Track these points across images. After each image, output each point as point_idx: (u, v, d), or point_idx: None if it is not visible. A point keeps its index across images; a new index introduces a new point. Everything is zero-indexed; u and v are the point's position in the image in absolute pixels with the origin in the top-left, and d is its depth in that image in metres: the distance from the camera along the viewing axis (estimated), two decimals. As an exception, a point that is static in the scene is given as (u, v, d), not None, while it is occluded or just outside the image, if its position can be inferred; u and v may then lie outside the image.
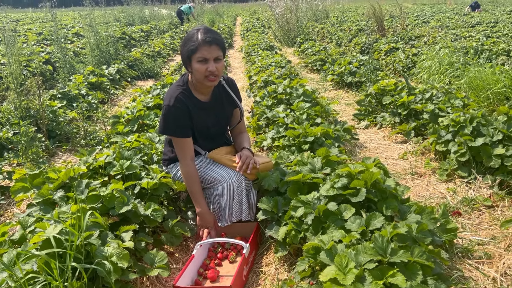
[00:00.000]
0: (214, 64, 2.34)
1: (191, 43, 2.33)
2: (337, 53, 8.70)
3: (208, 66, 2.33)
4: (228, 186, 2.46)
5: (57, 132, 4.39)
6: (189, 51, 2.34)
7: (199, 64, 2.34)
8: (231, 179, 2.46)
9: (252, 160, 2.48)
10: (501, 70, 5.10)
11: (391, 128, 4.49)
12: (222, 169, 2.51)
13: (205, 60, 2.33)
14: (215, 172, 2.51)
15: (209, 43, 2.30)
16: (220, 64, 2.38)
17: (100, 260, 1.80)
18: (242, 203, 2.50)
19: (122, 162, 2.62)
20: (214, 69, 2.34)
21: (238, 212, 2.49)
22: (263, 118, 4.31)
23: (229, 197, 2.47)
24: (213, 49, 2.32)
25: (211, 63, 2.33)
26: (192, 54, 2.34)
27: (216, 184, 2.49)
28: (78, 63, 8.17)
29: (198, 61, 2.33)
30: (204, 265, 2.31)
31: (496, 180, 2.95)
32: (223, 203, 2.48)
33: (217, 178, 2.49)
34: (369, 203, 2.19)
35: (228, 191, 2.46)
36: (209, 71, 2.34)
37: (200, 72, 2.35)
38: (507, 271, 2.13)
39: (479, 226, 2.56)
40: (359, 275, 1.64)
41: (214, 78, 2.38)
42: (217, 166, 2.54)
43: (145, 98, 4.93)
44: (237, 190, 2.47)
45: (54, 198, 2.31)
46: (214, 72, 2.34)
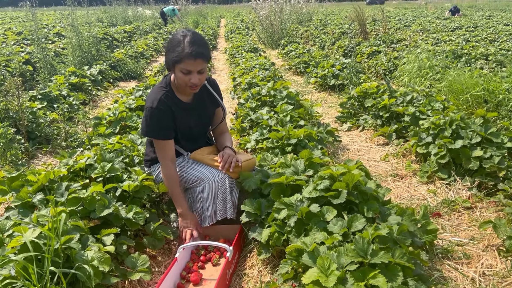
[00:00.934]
0: (197, 76, 2.34)
1: (176, 52, 2.29)
2: (321, 56, 8.77)
3: (191, 77, 2.33)
4: (212, 184, 2.46)
5: (37, 134, 4.31)
6: (173, 60, 2.31)
7: (182, 74, 2.33)
8: (215, 178, 2.46)
9: (234, 159, 2.50)
10: (480, 74, 5.21)
11: (373, 130, 4.54)
12: (205, 168, 2.52)
13: (189, 72, 2.32)
14: (198, 171, 2.51)
15: (194, 56, 2.27)
16: (203, 75, 2.37)
17: (81, 264, 1.77)
18: (226, 201, 2.49)
19: (104, 164, 2.59)
20: (197, 81, 2.34)
21: (223, 210, 2.48)
22: (247, 120, 4.31)
23: (212, 196, 2.47)
24: (198, 63, 2.30)
25: (194, 74, 2.33)
26: (176, 64, 2.32)
27: (199, 183, 2.49)
28: (59, 64, 8.04)
29: (181, 71, 2.32)
30: (187, 268, 2.29)
31: (475, 181, 3.01)
32: (207, 201, 2.47)
33: (200, 177, 2.49)
34: (351, 205, 2.21)
35: (212, 190, 2.46)
36: (191, 82, 2.34)
37: (182, 80, 2.35)
38: (485, 271, 2.17)
39: (458, 227, 2.61)
40: (341, 276, 1.65)
41: (195, 87, 2.39)
42: (200, 166, 2.55)
43: (128, 99, 4.88)
44: (220, 188, 2.47)
45: (33, 201, 2.27)
46: (196, 83, 2.35)
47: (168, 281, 2.08)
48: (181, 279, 2.21)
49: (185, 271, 2.26)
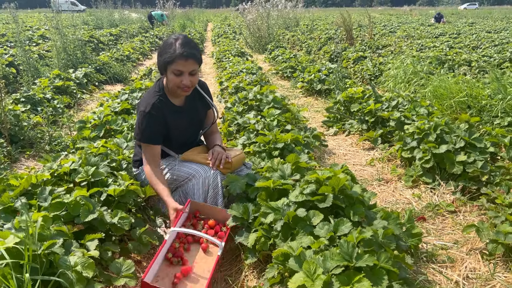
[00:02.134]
0: (189, 77, 2.37)
1: (168, 54, 2.33)
2: (307, 61, 8.82)
3: (183, 79, 2.36)
4: (203, 180, 2.49)
5: (20, 137, 4.24)
6: (165, 62, 2.35)
7: (174, 76, 2.37)
8: (206, 173, 2.50)
9: (224, 155, 2.54)
10: (463, 80, 5.30)
11: (359, 135, 4.58)
12: (196, 165, 2.56)
13: (180, 73, 2.36)
14: (190, 168, 2.55)
15: (185, 57, 2.31)
16: (195, 77, 2.41)
17: (64, 270, 1.74)
18: (218, 196, 2.52)
19: (88, 168, 2.56)
20: (189, 82, 2.37)
21: (214, 205, 2.52)
22: (234, 124, 4.30)
23: (204, 192, 2.50)
24: (189, 63, 2.34)
25: (185, 76, 2.36)
26: (168, 65, 2.36)
27: (191, 179, 2.53)
28: (44, 66, 7.93)
29: (173, 73, 2.36)
30: (173, 248, 2.27)
31: (459, 186, 3.05)
32: (198, 197, 2.52)
33: (191, 173, 2.53)
34: (337, 209, 2.22)
35: (203, 185, 2.49)
36: (183, 84, 2.37)
37: (174, 83, 2.39)
38: (469, 274, 2.20)
39: (442, 231, 2.64)
40: (327, 281, 1.65)
41: (187, 89, 2.42)
42: (191, 163, 2.59)
43: (113, 103, 4.83)
44: (212, 184, 2.50)
45: (15, 206, 2.22)
46: (188, 85, 2.38)
47: (158, 264, 2.07)
48: (166, 260, 2.21)
49: (170, 252, 2.24)
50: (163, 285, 2.04)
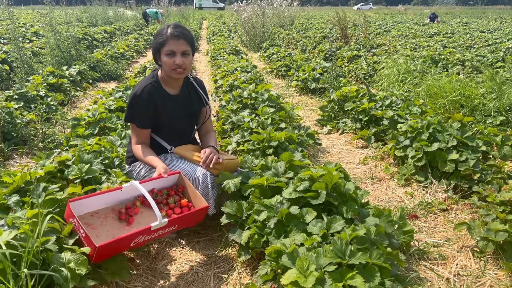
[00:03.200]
0: (182, 58, 2.43)
1: (160, 36, 2.44)
2: (302, 60, 8.84)
3: (176, 59, 2.42)
4: (193, 181, 2.47)
5: (13, 135, 4.22)
6: (158, 43, 2.44)
7: (167, 57, 2.43)
8: (196, 174, 2.49)
9: (216, 156, 2.53)
10: (456, 79, 5.34)
11: (353, 133, 4.60)
12: (187, 165, 2.54)
13: (173, 53, 2.42)
14: (180, 167, 2.53)
15: (177, 37, 2.40)
16: (188, 58, 2.46)
17: (57, 266, 1.74)
18: (208, 196, 2.49)
19: (81, 165, 2.56)
20: (181, 62, 2.42)
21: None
22: (228, 122, 4.31)
23: None
24: (181, 43, 2.42)
25: (178, 56, 2.42)
26: (161, 47, 2.43)
27: None
28: (37, 63, 7.88)
29: (166, 54, 2.43)
30: (128, 205, 2.29)
31: (451, 184, 3.08)
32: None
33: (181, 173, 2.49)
34: (330, 207, 2.24)
35: (193, 185, 2.46)
36: (176, 64, 2.42)
37: (167, 65, 2.43)
38: (460, 271, 2.22)
39: (434, 229, 2.67)
40: (320, 277, 1.67)
41: (181, 71, 2.46)
42: (182, 162, 2.58)
43: (107, 100, 4.82)
44: (201, 184, 2.48)
45: (9, 203, 2.22)
46: (181, 65, 2.43)
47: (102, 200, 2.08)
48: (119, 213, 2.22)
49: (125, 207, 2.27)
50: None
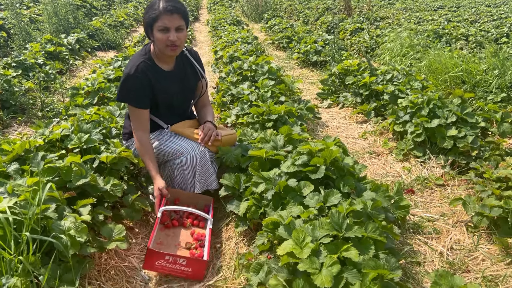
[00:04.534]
0: (176, 34, 2.30)
1: (152, 11, 2.29)
2: (304, 31, 8.71)
3: (169, 35, 2.29)
4: (191, 158, 2.45)
5: (12, 103, 4.20)
6: (150, 19, 2.30)
7: (160, 33, 2.30)
8: (194, 151, 2.46)
9: (214, 132, 2.50)
10: (459, 55, 5.28)
11: (353, 108, 4.59)
12: (184, 141, 2.51)
13: (166, 29, 2.29)
14: (178, 144, 2.50)
15: (170, 11, 2.26)
16: (182, 34, 2.34)
17: (57, 234, 1.77)
18: (208, 173, 2.50)
19: (81, 135, 2.55)
20: (175, 38, 2.30)
21: (203, 182, 2.50)
22: (228, 94, 4.28)
23: (192, 169, 2.47)
24: (175, 18, 2.28)
25: (172, 32, 2.29)
26: (153, 23, 2.30)
27: (179, 156, 2.49)
28: (35, 31, 7.75)
29: (159, 30, 2.30)
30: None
31: (448, 160, 3.09)
32: (187, 174, 2.49)
33: (179, 150, 2.48)
34: (327, 180, 2.25)
35: (192, 163, 2.46)
36: (170, 40, 2.30)
37: (161, 41, 2.31)
38: (453, 245, 2.27)
39: (430, 204, 2.70)
40: (315, 249, 1.70)
41: (175, 47, 2.35)
42: (180, 139, 2.54)
43: (106, 70, 4.77)
44: (200, 161, 2.47)
45: (8, 171, 2.23)
46: (175, 42, 2.31)
47: (152, 239, 2.15)
48: None
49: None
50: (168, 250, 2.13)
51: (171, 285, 2.03)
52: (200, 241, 2.29)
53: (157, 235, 2.28)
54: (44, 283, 1.67)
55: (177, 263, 2.00)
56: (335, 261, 1.63)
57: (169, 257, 2.00)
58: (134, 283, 2.04)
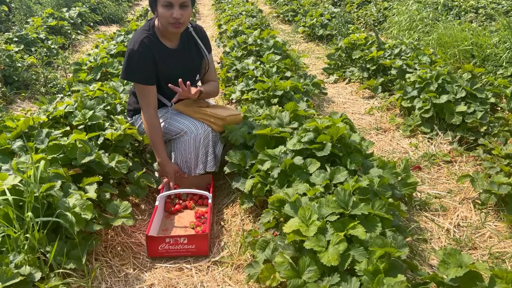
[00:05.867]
0: (180, 11, 2.23)
1: None
2: (309, 4, 8.51)
3: (173, 12, 2.22)
4: (195, 137, 2.43)
5: (15, 79, 4.16)
6: None
7: (164, 9, 2.23)
8: (198, 131, 2.43)
9: (195, 90, 2.42)
10: (469, 28, 5.15)
11: (359, 83, 4.51)
12: (188, 121, 2.47)
13: (170, 5, 2.21)
14: (182, 123, 2.46)
15: None
16: (186, 11, 2.26)
17: (62, 211, 1.77)
18: (208, 154, 2.49)
19: (85, 111, 2.53)
20: (179, 15, 2.23)
21: (205, 163, 2.49)
22: (232, 70, 4.22)
23: (195, 149, 2.45)
24: None
25: (176, 8, 2.22)
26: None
27: (183, 135, 2.46)
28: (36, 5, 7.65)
29: (163, 6, 2.22)
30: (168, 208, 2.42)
31: (456, 136, 3.05)
32: (189, 154, 2.46)
33: (183, 129, 2.45)
34: (334, 158, 2.23)
35: (195, 143, 2.44)
36: (173, 17, 2.23)
37: (165, 17, 2.25)
38: (460, 222, 2.25)
39: (437, 180, 2.67)
40: (321, 227, 1.69)
41: (179, 25, 2.28)
42: (184, 118, 2.50)
43: (109, 44, 4.71)
44: (203, 141, 2.45)
45: (13, 148, 2.22)
46: (179, 19, 2.24)
47: (155, 227, 2.15)
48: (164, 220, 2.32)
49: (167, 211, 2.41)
50: None
51: (177, 261, 2.04)
52: (203, 218, 2.29)
53: (162, 223, 2.30)
54: (51, 260, 1.68)
55: (179, 243, 2.02)
56: (341, 239, 1.62)
57: (170, 239, 2.01)
58: (140, 259, 2.05)
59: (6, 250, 1.65)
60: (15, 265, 1.59)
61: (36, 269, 1.62)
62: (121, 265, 1.99)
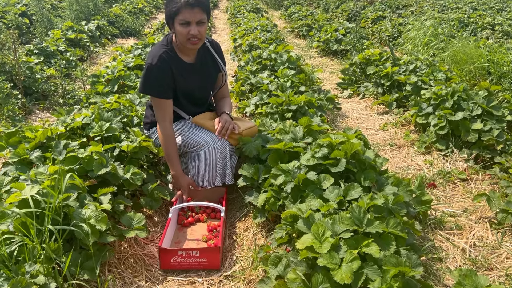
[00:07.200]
0: (197, 28, 2.28)
1: (173, 3, 2.26)
2: (324, 19, 8.57)
3: (190, 29, 2.27)
4: (212, 150, 2.45)
5: (34, 90, 4.26)
6: (172, 12, 2.27)
7: (181, 27, 2.28)
8: (215, 144, 2.46)
9: (231, 125, 2.48)
10: (485, 44, 5.12)
11: (374, 98, 4.51)
12: (206, 134, 2.50)
13: (187, 23, 2.27)
14: (199, 136, 2.50)
15: (191, 5, 2.23)
16: (203, 27, 2.31)
17: (78, 222, 1.79)
18: (226, 167, 2.51)
19: (102, 123, 2.57)
20: (197, 32, 2.28)
21: (222, 175, 2.52)
22: (247, 83, 4.25)
23: (212, 161, 2.47)
24: (196, 12, 2.25)
25: (193, 26, 2.27)
26: (175, 16, 2.27)
27: (199, 148, 2.49)
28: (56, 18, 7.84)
29: (180, 24, 2.27)
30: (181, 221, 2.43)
31: (472, 154, 3.02)
32: (206, 167, 2.48)
33: (200, 142, 2.48)
34: (348, 174, 2.22)
35: (212, 156, 2.46)
36: (191, 34, 2.28)
37: (182, 34, 2.30)
38: (476, 242, 2.21)
39: (452, 199, 2.64)
40: (335, 244, 1.67)
41: (196, 41, 2.33)
42: (201, 131, 2.53)
43: (126, 57, 4.79)
44: (220, 154, 2.47)
45: (31, 158, 2.27)
46: (196, 35, 2.29)
47: (167, 239, 2.16)
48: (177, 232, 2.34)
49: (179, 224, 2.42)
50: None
51: (189, 274, 2.04)
52: (216, 232, 2.30)
53: (175, 235, 2.31)
54: (65, 270, 1.70)
55: (191, 256, 2.02)
56: (355, 257, 1.60)
57: (182, 252, 2.02)
58: (153, 272, 2.06)
59: (23, 260, 1.67)
60: (31, 275, 1.61)
61: (51, 279, 1.64)
62: (134, 277, 2.00)
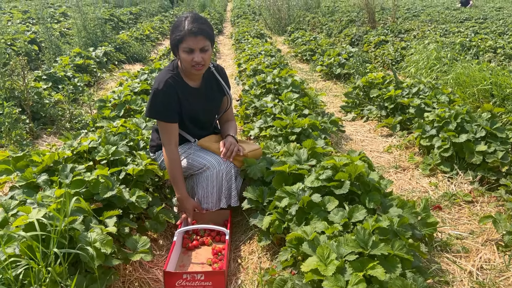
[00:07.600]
0: (200, 55, 2.33)
1: (178, 32, 2.32)
2: (327, 44, 8.70)
3: (194, 56, 2.33)
4: (217, 172, 2.47)
5: (42, 114, 4.33)
6: (176, 40, 2.34)
7: (185, 54, 2.34)
8: (221, 166, 2.48)
9: (236, 148, 2.51)
10: (488, 67, 5.16)
11: (377, 121, 4.53)
12: (211, 156, 2.53)
13: (191, 51, 2.32)
14: (204, 158, 2.52)
15: (195, 33, 2.28)
16: (207, 54, 2.36)
17: (83, 245, 1.80)
18: (231, 189, 2.53)
19: (108, 147, 2.61)
20: (200, 59, 2.34)
21: (228, 197, 2.53)
22: (251, 107, 4.30)
23: (217, 183, 2.49)
24: (199, 40, 2.30)
25: (197, 53, 2.33)
26: (179, 43, 2.33)
27: (205, 170, 2.51)
28: (65, 44, 8.01)
29: (184, 51, 2.33)
30: (185, 244, 2.43)
31: (477, 176, 3.01)
32: (211, 189, 2.50)
33: (205, 165, 2.50)
34: (352, 196, 2.22)
35: (217, 178, 2.48)
36: (195, 61, 2.34)
37: (186, 61, 2.35)
38: (483, 265, 2.19)
39: (458, 221, 2.62)
40: (340, 266, 1.67)
41: (200, 67, 2.38)
42: (207, 153, 2.56)
43: (133, 82, 4.88)
44: (225, 176, 2.49)
45: (38, 182, 2.29)
46: (200, 62, 2.35)
47: (172, 262, 2.16)
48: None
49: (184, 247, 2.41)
50: None
51: (194, 298, 2.03)
52: (220, 255, 2.29)
53: (180, 259, 2.31)
54: (70, 294, 1.69)
55: (196, 279, 2.01)
56: (360, 279, 1.60)
57: (187, 275, 2.01)
58: (157, 296, 2.05)
59: (28, 283, 1.67)
60: (36, 299, 1.61)
61: (55, 303, 1.63)
62: (138, 301, 1.99)
